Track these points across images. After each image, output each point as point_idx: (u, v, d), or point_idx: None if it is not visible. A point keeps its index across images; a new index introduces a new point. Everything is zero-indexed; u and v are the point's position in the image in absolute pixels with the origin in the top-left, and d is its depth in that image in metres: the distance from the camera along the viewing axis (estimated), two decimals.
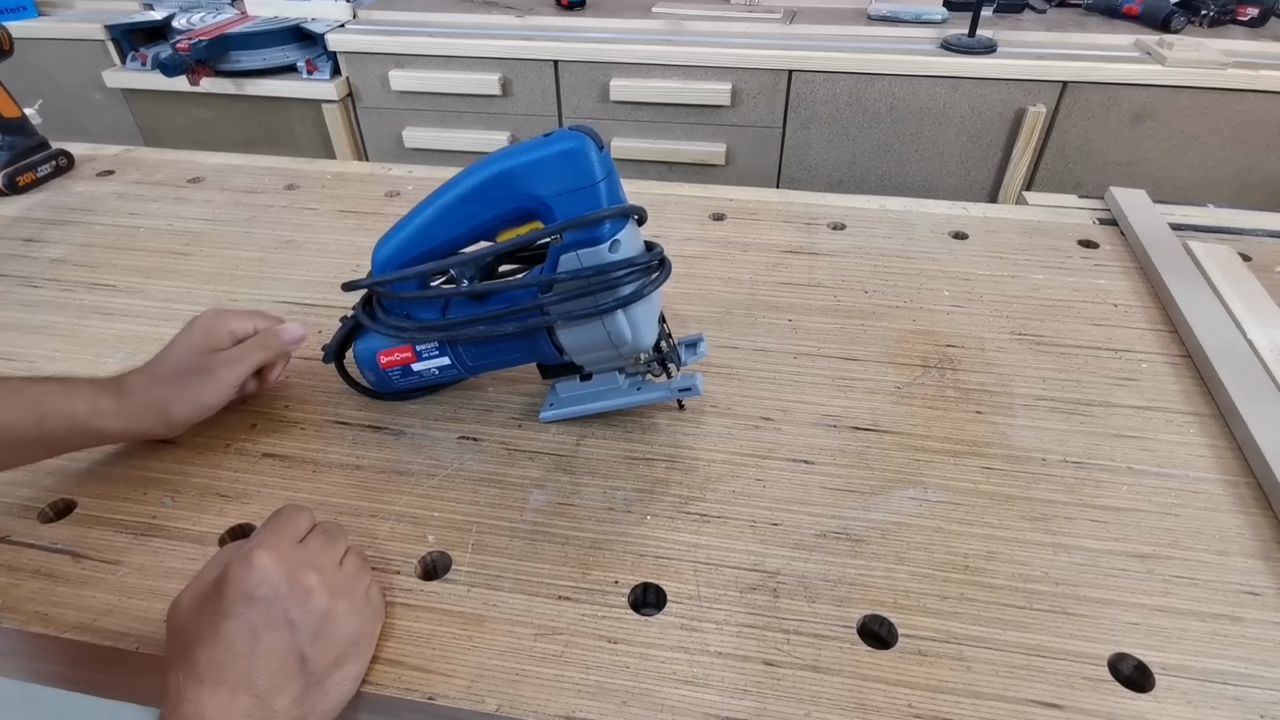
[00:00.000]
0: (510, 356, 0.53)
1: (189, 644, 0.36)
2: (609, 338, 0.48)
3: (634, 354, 0.50)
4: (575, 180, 0.44)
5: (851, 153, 1.58)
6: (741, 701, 0.38)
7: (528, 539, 0.47)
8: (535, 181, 0.45)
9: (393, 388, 0.56)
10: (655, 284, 0.48)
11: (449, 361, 0.53)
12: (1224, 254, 0.72)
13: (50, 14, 1.82)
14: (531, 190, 0.45)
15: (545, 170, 0.45)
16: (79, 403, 0.47)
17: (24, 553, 0.47)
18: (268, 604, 0.36)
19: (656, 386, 0.53)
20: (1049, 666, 0.40)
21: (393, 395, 0.57)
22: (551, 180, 0.45)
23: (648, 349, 0.50)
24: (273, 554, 0.37)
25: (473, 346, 0.52)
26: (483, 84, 1.60)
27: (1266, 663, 0.40)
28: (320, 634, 0.37)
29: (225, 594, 0.36)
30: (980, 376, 0.60)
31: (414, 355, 0.53)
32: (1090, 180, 1.51)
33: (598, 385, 0.54)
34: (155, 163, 0.96)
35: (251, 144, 1.76)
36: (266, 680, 0.35)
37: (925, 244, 0.77)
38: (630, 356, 0.50)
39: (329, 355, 0.56)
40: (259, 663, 0.35)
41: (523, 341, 0.51)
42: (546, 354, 0.51)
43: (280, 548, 0.38)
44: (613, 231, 0.45)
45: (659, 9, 1.68)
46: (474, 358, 0.53)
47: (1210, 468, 0.51)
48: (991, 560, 0.45)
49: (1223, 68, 1.36)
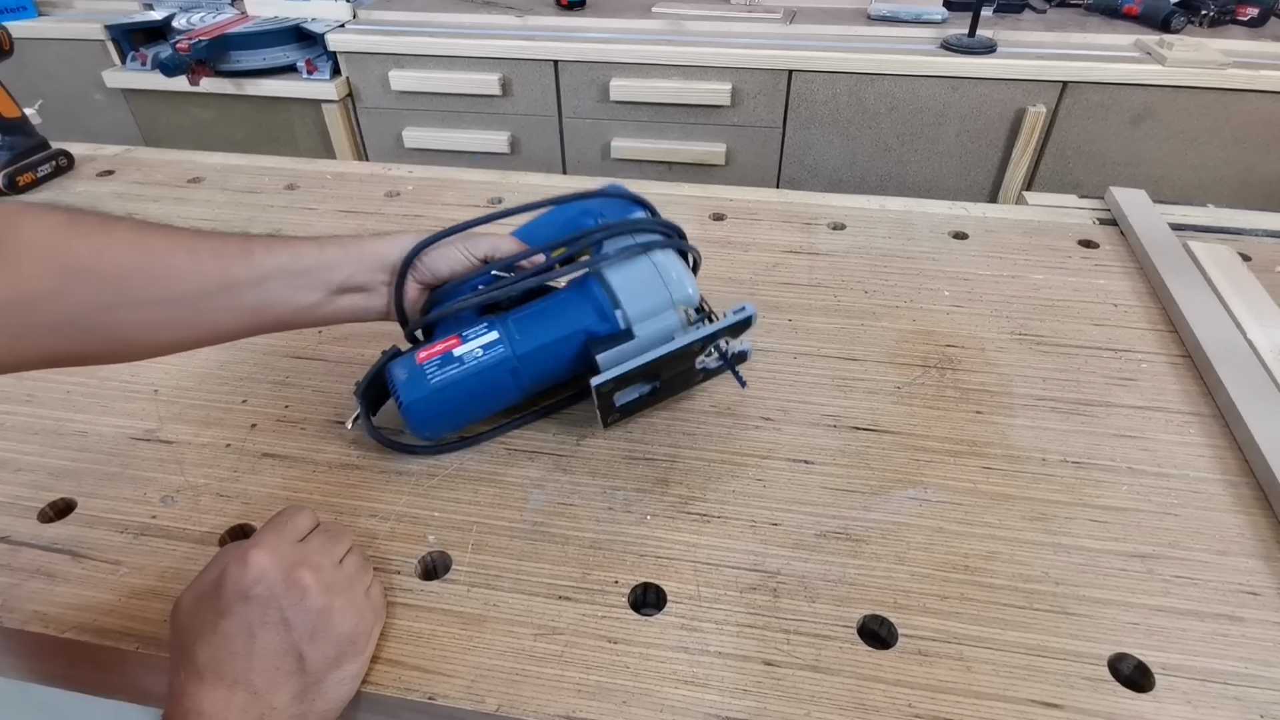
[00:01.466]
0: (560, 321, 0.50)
1: (189, 642, 0.36)
2: (656, 272, 0.50)
3: (682, 302, 0.50)
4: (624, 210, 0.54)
5: (851, 153, 1.58)
6: (741, 701, 0.38)
7: (528, 539, 0.47)
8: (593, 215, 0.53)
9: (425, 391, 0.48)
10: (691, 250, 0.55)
11: (497, 336, 0.49)
12: (1224, 254, 0.72)
13: (50, 14, 1.82)
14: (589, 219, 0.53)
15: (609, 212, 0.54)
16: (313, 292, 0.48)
17: (24, 553, 0.47)
18: (264, 602, 0.36)
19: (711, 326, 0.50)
20: (1049, 666, 0.40)
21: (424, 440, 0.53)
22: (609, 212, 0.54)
23: (692, 301, 0.51)
24: (269, 553, 0.37)
25: (522, 318, 0.50)
26: (483, 84, 1.60)
27: (1267, 663, 0.40)
28: (317, 632, 0.37)
29: (223, 593, 0.36)
30: (980, 376, 0.60)
31: (459, 339, 0.50)
32: (1090, 180, 1.51)
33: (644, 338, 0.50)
34: (155, 163, 0.96)
35: (251, 144, 1.76)
36: (263, 677, 0.35)
37: (925, 244, 0.77)
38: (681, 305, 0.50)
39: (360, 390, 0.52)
40: (256, 660, 0.35)
41: (572, 301, 0.51)
42: (599, 310, 0.50)
43: (278, 547, 0.38)
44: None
45: (659, 9, 1.68)
46: (522, 327, 0.50)
47: (1210, 468, 0.51)
48: (991, 560, 0.45)
49: (1223, 68, 1.36)
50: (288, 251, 0.47)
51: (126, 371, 0.61)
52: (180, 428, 0.56)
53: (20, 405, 0.58)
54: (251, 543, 0.38)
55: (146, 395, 0.59)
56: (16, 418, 0.57)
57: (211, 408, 0.57)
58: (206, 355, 0.63)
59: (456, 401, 0.49)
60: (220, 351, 0.63)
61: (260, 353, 0.63)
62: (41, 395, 0.59)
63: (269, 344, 0.64)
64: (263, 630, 0.36)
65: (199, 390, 0.59)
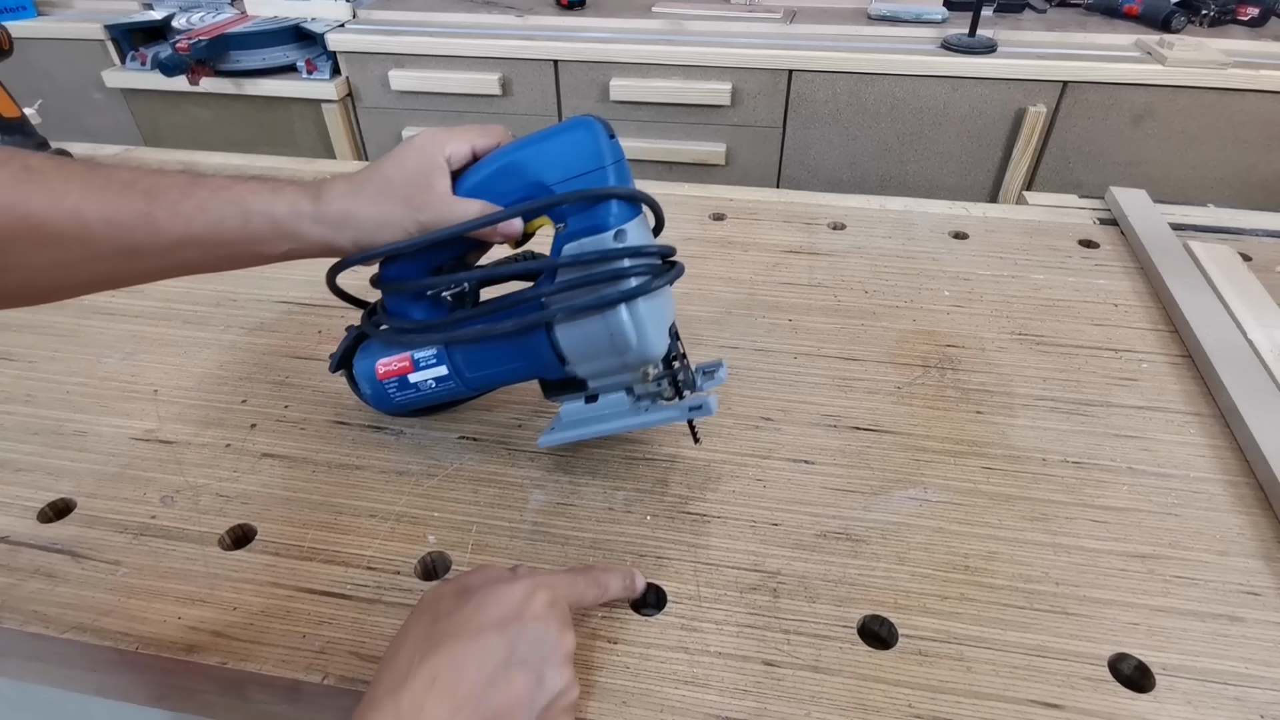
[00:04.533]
0: (510, 366, 0.49)
1: (438, 629, 0.34)
2: (611, 340, 0.44)
3: (640, 363, 0.45)
4: (582, 164, 0.43)
5: (851, 153, 1.57)
6: (741, 701, 0.38)
7: (528, 539, 0.47)
8: (542, 168, 0.43)
9: (390, 405, 0.52)
10: (664, 280, 0.44)
11: (446, 371, 0.49)
12: (1224, 254, 0.72)
13: (50, 14, 1.81)
14: (538, 178, 0.43)
15: (551, 155, 0.43)
16: (281, 204, 0.42)
17: (24, 553, 0.46)
18: (532, 644, 0.34)
19: (666, 407, 0.48)
20: (1049, 666, 0.40)
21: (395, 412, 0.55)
22: (557, 166, 0.43)
23: (655, 359, 0.45)
24: (559, 606, 0.36)
25: (470, 353, 0.49)
26: (483, 84, 1.60)
27: (1267, 663, 0.40)
28: (549, 709, 0.34)
29: (500, 603, 0.35)
30: (980, 376, 0.59)
31: (411, 365, 0.50)
32: (1090, 180, 1.51)
33: (603, 408, 0.49)
34: (155, 162, 0.96)
35: (251, 144, 1.76)
36: (492, 713, 0.32)
37: (925, 244, 0.77)
38: (637, 367, 0.46)
39: (334, 364, 0.53)
40: (494, 693, 0.32)
41: (522, 348, 0.47)
42: (546, 362, 0.47)
43: (568, 603, 0.37)
44: (620, 219, 0.43)
45: (659, 9, 1.68)
46: (471, 367, 0.49)
47: (1210, 468, 0.51)
48: (992, 560, 0.45)
49: (1223, 68, 1.36)
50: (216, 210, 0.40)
51: (126, 372, 0.61)
52: (180, 428, 0.56)
53: (20, 405, 0.58)
54: (548, 577, 0.37)
55: (146, 395, 0.59)
56: (16, 418, 0.57)
57: (211, 408, 0.57)
58: (206, 355, 0.63)
59: (423, 408, 0.54)
60: (220, 351, 0.63)
61: (260, 353, 0.63)
62: (41, 395, 0.59)
63: (269, 344, 0.64)
64: (519, 671, 0.33)
65: (199, 390, 0.59)
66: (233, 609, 0.43)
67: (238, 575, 0.45)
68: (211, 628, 0.42)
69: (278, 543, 0.47)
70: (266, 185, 0.43)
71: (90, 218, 0.38)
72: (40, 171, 0.38)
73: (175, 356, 0.63)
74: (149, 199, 0.40)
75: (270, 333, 0.65)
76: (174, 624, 0.42)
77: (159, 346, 0.64)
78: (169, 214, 0.40)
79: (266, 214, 0.42)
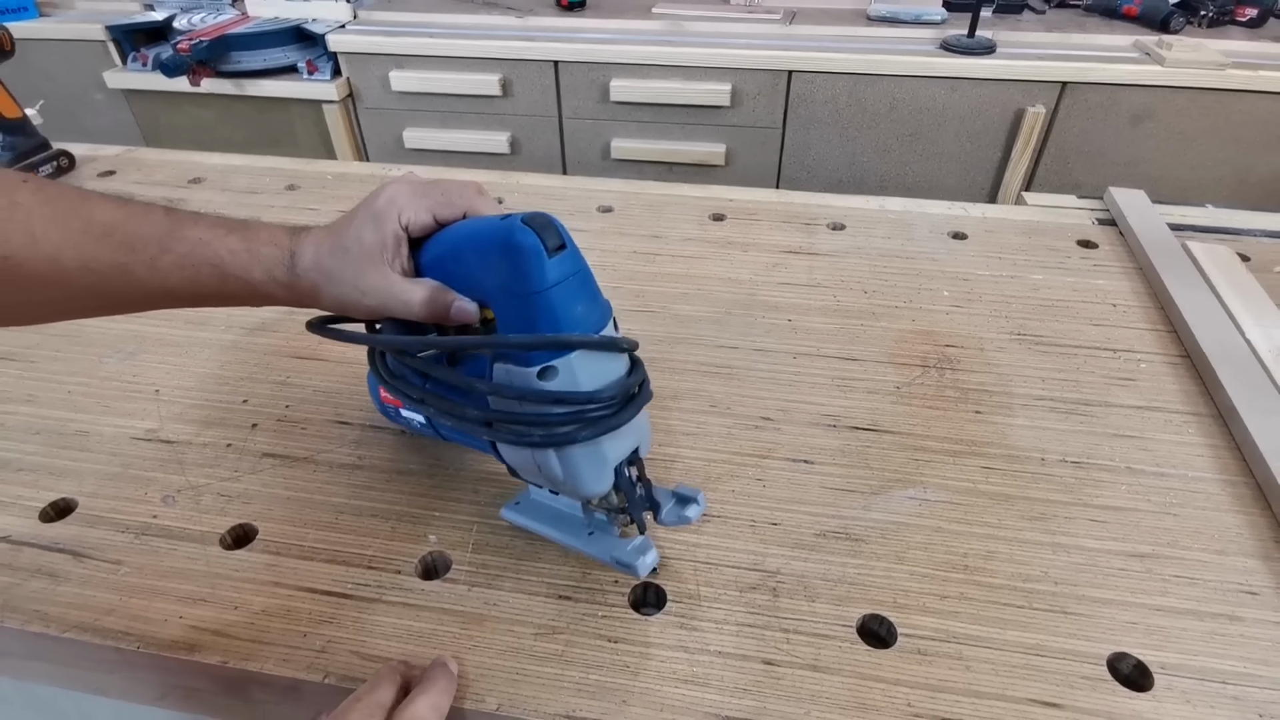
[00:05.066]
0: (474, 441, 0.45)
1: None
2: (541, 472, 0.40)
3: (578, 498, 0.42)
4: (517, 283, 0.37)
5: (851, 153, 1.58)
6: (741, 701, 0.38)
7: (528, 539, 0.47)
8: (480, 268, 0.38)
9: (395, 421, 0.52)
10: (597, 429, 0.38)
11: (424, 421, 0.48)
12: (1223, 254, 0.72)
13: (51, 14, 1.82)
14: (478, 277, 0.39)
15: (489, 259, 0.38)
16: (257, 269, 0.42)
17: (24, 553, 0.47)
18: None
19: (605, 539, 0.44)
20: (1048, 666, 0.40)
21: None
22: (494, 273, 0.38)
23: (592, 498, 0.42)
24: None
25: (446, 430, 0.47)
26: (483, 84, 1.60)
27: (1265, 662, 0.40)
28: None
29: None
30: (980, 376, 0.60)
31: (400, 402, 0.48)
32: (1089, 180, 1.51)
33: (561, 505, 0.46)
34: (156, 163, 0.96)
35: (252, 144, 1.76)
36: None
37: (925, 244, 0.77)
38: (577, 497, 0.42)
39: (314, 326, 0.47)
40: None
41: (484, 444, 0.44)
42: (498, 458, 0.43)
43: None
44: (544, 358, 0.37)
45: (659, 9, 1.68)
46: (443, 427, 0.46)
47: (1209, 467, 0.52)
48: (991, 560, 0.45)
49: (1221, 68, 1.36)
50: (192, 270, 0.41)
51: (128, 372, 0.61)
52: (181, 427, 0.56)
53: (21, 405, 0.58)
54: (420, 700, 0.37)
55: (147, 395, 0.59)
56: (17, 417, 0.57)
57: (212, 407, 0.58)
58: (208, 355, 0.63)
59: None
60: (221, 351, 0.63)
61: (261, 353, 0.63)
62: (43, 395, 0.59)
63: (269, 344, 0.64)
64: None
65: (200, 390, 0.59)
66: (234, 608, 0.43)
67: (239, 575, 0.45)
68: (212, 627, 0.42)
69: (279, 542, 0.47)
70: (244, 245, 0.43)
71: (68, 265, 0.39)
72: (26, 209, 0.38)
73: (177, 356, 0.63)
74: (127, 250, 0.40)
75: (271, 332, 0.65)
76: (175, 623, 0.42)
77: (160, 346, 0.64)
78: (146, 268, 0.41)
79: (243, 279, 0.43)
